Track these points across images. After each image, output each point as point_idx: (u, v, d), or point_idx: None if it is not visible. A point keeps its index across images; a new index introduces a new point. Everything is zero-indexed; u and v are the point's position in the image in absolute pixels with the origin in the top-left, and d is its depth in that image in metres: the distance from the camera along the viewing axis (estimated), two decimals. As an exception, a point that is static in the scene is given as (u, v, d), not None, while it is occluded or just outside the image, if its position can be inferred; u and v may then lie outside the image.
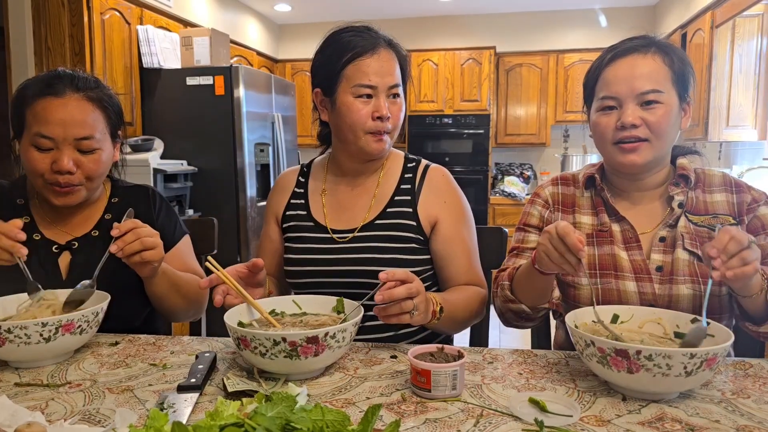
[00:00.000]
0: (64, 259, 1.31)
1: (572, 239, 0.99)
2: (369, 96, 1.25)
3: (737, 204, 1.18)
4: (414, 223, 1.31)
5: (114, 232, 1.14)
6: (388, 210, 1.32)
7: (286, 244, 1.37)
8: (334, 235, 1.31)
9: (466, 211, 1.38)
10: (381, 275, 1.03)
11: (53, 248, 1.31)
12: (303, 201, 1.39)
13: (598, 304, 1.11)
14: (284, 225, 1.39)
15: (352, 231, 1.31)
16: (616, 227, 1.21)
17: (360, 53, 1.25)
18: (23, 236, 1.12)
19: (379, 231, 1.29)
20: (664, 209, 1.21)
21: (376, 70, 1.24)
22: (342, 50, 1.27)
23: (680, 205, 1.18)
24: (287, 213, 1.39)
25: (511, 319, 1.26)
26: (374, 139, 1.27)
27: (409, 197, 1.33)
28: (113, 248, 1.13)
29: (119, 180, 1.47)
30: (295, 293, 1.37)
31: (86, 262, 1.27)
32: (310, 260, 1.30)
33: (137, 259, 1.15)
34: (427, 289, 1.31)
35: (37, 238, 1.31)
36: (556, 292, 1.25)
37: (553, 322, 1.45)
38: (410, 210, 1.32)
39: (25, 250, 1.10)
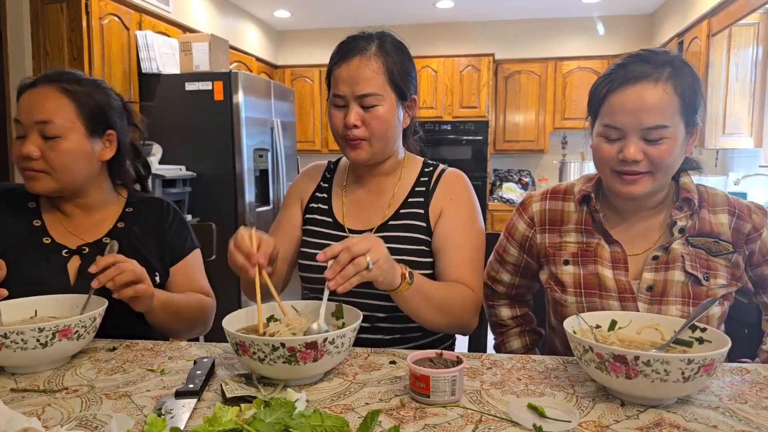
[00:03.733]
0: (74, 264, 1.30)
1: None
2: (342, 105, 1.26)
3: (736, 231, 1.16)
4: (424, 224, 1.31)
5: (92, 269, 1.13)
6: (402, 211, 1.33)
7: (304, 237, 1.37)
8: (351, 235, 1.32)
9: (473, 212, 1.34)
10: (318, 256, 1.03)
11: (63, 252, 1.31)
12: (326, 195, 1.40)
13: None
14: (306, 215, 1.40)
15: (368, 231, 1.32)
16: (605, 247, 1.20)
17: (336, 62, 1.27)
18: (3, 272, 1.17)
19: (392, 232, 1.29)
20: (661, 230, 1.20)
21: (345, 79, 1.24)
22: (330, 58, 1.30)
23: (681, 231, 1.16)
24: (311, 204, 1.40)
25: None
26: (350, 146, 1.28)
27: (422, 199, 1.34)
28: (95, 283, 1.13)
29: (136, 190, 1.47)
30: (305, 289, 1.38)
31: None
32: None
33: (130, 293, 1.15)
34: None
35: (47, 241, 1.31)
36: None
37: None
38: (422, 211, 1.32)
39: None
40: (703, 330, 0.98)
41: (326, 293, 1.02)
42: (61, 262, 1.29)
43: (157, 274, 1.34)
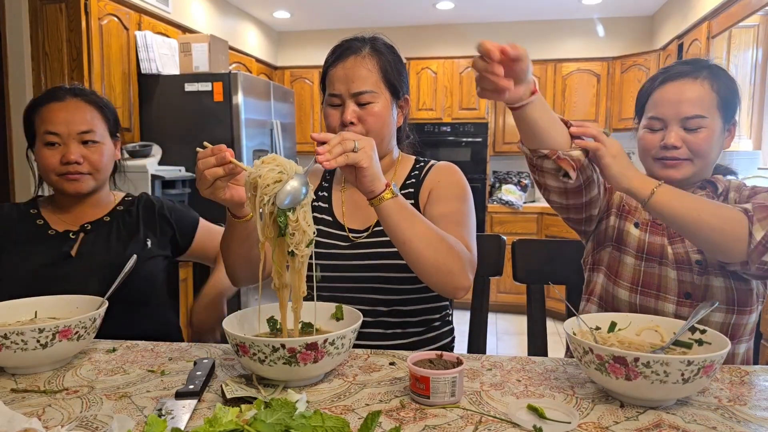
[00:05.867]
0: (78, 241, 1.45)
1: (483, 45, 0.94)
2: (338, 104, 1.29)
3: (745, 195, 1.23)
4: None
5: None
6: None
7: None
8: (350, 234, 1.34)
9: (463, 191, 1.33)
10: (312, 135, 1.04)
11: (70, 235, 1.45)
12: (327, 194, 1.42)
13: (637, 286, 1.23)
14: None
15: (366, 230, 1.33)
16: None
17: (331, 63, 1.31)
18: None
19: None
20: None
21: (340, 78, 1.28)
22: (325, 61, 1.34)
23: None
24: (312, 203, 1.40)
25: (550, 177, 1.18)
26: None
27: (411, 189, 1.36)
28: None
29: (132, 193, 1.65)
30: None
31: (96, 239, 1.45)
32: (325, 255, 1.31)
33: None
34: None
35: (52, 233, 1.46)
36: (574, 151, 1.13)
37: (549, 330, 1.45)
38: (412, 201, 1.34)
39: None
40: (703, 332, 0.98)
41: (312, 163, 1.01)
42: (68, 242, 1.44)
43: (149, 242, 1.50)
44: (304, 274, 1.01)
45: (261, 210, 0.97)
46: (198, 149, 1.10)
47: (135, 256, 1.30)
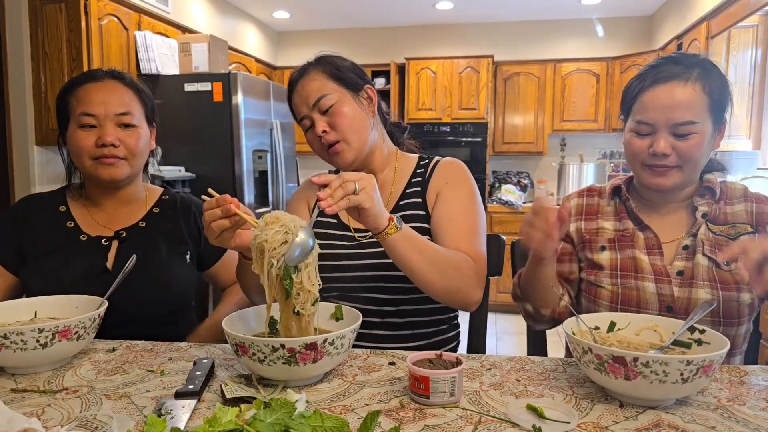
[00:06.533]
0: (114, 250, 1.38)
1: (540, 203, 1.06)
2: (310, 125, 1.32)
3: (756, 213, 1.21)
4: (423, 212, 1.33)
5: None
6: (401, 203, 1.35)
7: None
8: (356, 234, 1.35)
9: (471, 192, 1.35)
10: (312, 178, 1.07)
11: (102, 242, 1.38)
12: None
13: (616, 305, 1.21)
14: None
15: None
16: (639, 234, 1.25)
17: (290, 91, 1.37)
18: None
19: None
20: (689, 219, 1.24)
21: (300, 100, 1.33)
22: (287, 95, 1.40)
23: (703, 216, 1.21)
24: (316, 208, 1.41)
25: (526, 319, 1.33)
26: (332, 154, 1.31)
27: (419, 188, 1.36)
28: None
29: (170, 188, 1.57)
30: None
31: (133, 249, 1.33)
32: (332, 255, 1.32)
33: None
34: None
35: (83, 239, 1.39)
36: (564, 301, 1.25)
37: (549, 330, 1.45)
38: (420, 200, 1.34)
39: None
40: (702, 332, 0.99)
41: (316, 211, 1.04)
42: (102, 251, 1.37)
43: (188, 252, 1.44)
44: (311, 332, 1.01)
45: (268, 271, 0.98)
46: (204, 197, 1.11)
47: (134, 256, 1.25)
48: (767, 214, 1.21)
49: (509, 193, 5.53)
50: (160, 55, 3.59)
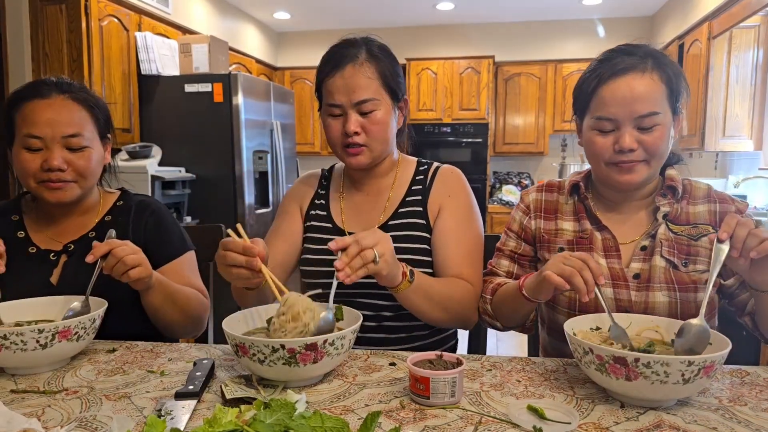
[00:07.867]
0: (60, 266, 1.31)
1: (593, 264, 1.01)
2: (339, 114, 1.28)
3: (720, 213, 1.18)
4: (424, 222, 1.32)
5: (89, 259, 1.12)
6: (400, 211, 1.34)
7: (305, 245, 1.38)
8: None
9: (471, 208, 1.36)
10: (330, 245, 1.05)
11: (50, 256, 1.32)
12: (324, 202, 1.41)
13: (574, 311, 1.17)
14: (306, 223, 1.40)
15: None
16: (597, 235, 1.22)
17: (327, 72, 1.28)
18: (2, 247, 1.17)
19: (392, 232, 1.29)
20: (649, 219, 1.22)
21: (340, 89, 1.25)
22: (318, 69, 1.31)
23: (664, 216, 1.19)
24: (310, 212, 1.41)
25: (489, 327, 1.32)
26: (348, 154, 1.29)
27: (420, 197, 1.36)
28: (89, 258, 1.12)
29: (128, 191, 1.47)
30: (310, 294, 1.38)
31: (80, 264, 1.25)
32: (327, 261, 1.31)
33: (125, 279, 1.15)
34: None
35: (32, 251, 1.32)
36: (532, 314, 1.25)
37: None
38: (420, 209, 1.34)
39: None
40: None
41: (335, 283, 1.04)
42: (48, 266, 1.30)
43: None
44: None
45: None
46: (229, 230, 1.08)
47: (113, 230, 1.22)
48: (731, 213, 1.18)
49: (510, 193, 5.54)
50: (161, 56, 3.59)
